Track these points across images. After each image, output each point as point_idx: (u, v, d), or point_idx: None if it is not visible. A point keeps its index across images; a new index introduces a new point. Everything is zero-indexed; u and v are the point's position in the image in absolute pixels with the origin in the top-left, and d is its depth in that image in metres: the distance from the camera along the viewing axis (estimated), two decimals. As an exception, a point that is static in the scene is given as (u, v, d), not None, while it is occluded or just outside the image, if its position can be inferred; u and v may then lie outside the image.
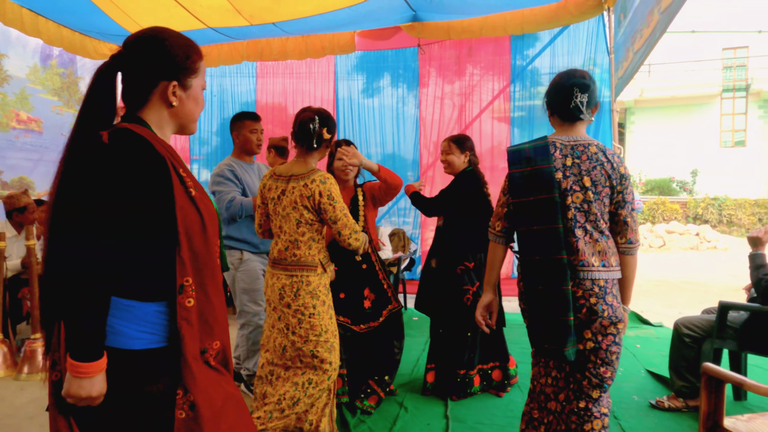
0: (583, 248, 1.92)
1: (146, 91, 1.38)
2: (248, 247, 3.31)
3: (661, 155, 18.56)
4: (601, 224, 1.96)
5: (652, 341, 4.78)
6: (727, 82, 19.49)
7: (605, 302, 1.90)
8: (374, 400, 3.13)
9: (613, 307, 1.92)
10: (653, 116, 19.50)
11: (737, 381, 1.66)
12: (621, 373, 3.86)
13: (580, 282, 1.91)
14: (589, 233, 1.95)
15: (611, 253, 1.96)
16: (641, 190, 17.08)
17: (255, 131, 3.38)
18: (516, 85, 6.62)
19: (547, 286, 1.91)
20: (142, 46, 1.36)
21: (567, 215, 1.94)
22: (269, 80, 7.14)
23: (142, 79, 1.37)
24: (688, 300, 6.92)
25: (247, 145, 3.38)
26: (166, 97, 1.38)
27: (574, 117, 2.03)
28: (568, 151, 1.99)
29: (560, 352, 1.89)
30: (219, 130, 7.20)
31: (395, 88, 6.99)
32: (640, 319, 5.58)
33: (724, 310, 2.92)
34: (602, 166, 1.97)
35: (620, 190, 1.98)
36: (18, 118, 5.85)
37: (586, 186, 1.95)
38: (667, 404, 3.14)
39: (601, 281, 1.92)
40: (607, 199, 1.97)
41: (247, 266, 3.30)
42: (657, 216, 15.42)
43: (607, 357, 1.92)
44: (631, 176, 2.22)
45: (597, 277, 1.91)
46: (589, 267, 1.91)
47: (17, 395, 3.38)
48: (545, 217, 1.93)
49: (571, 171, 1.96)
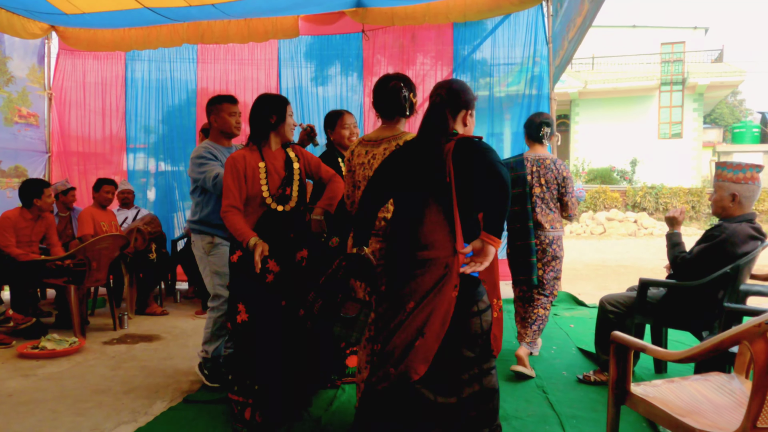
0: (541, 219, 3.53)
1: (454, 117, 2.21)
2: (221, 232, 3.26)
3: (604, 146, 19.23)
4: (551, 205, 3.55)
5: (585, 321, 4.98)
6: (665, 76, 20.32)
7: (551, 248, 3.55)
8: None
9: (555, 251, 3.57)
10: (597, 108, 20.14)
11: (640, 347, 1.76)
12: (553, 351, 4.02)
13: (539, 238, 3.52)
14: (545, 210, 3.53)
15: (557, 221, 3.58)
16: (584, 179, 17.64)
17: (234, 114, 3.34)
18: (462, 75, 6.68)
19: (522, 241, 3.49)
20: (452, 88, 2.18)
21: (532, 201, 3.51)
22: (210, 66, 6.93)
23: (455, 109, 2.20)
24: (622, 282, 7.22)
25: (226, 128, 3.33)
26: (464, 121, 2.24)
27: (540, 141, 3.61)
28: (534, 163, 3.55)
29: (529, 280, 3.50)
30: (165, 117, 6.95)
31: (345, 76, 6.91)
32: (576, 301, 5.80)
33: (644, 286, 3.07)
34: (552, 171, 3.52)
35: (563, 185, 3.53)
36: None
37: (543, 184, 3.52)
38: (593, 378, 3.28)
39: (551, 236, 3.54)
40: (555, 191, 3.54)
41: (219, 250, 3.28)
42: (598, 204, 15.98)
43: (551, 279, 3.60)
44: (571, 177, 3.57)
45: (548, 235, 3.54)
46: (544, 230, 3.53)
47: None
48: (520, 202, 3.47)
49: (534, 175, 3.53)
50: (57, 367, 3.66)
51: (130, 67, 6.93)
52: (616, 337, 1.85)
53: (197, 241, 3.32)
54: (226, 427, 2.66)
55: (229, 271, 2.87)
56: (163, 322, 5.02)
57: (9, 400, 3.03)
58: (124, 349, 4.12)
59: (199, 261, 3.36)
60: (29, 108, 6.69)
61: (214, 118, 3.35)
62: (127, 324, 4.79)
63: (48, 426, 2.69)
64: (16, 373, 3.52)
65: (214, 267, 3.30)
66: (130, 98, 6.93)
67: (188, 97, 6.93)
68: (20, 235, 4.54)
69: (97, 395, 3.13)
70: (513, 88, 6.75)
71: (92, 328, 4.70)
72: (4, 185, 6.31)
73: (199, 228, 3.30)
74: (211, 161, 3.21)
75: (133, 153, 7.11)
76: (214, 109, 3.35)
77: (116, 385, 3.30)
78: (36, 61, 6.78)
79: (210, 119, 3.38)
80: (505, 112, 6.78)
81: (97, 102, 6.96)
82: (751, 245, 2.77)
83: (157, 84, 6.94)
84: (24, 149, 6.60)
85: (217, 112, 3.33)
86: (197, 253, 3.36)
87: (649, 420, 2.69)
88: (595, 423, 2.70)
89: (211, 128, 3.41)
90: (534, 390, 3.18)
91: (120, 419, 2.78)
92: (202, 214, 3.29)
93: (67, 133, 7.00)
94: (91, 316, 5.16)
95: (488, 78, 6.72)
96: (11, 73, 6.39)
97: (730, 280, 2.74)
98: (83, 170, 6.95)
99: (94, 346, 4.16)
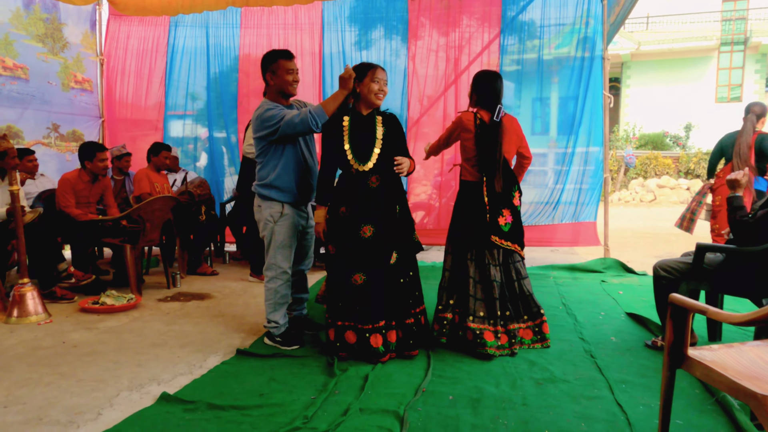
0: None
1: None
2: (289, 197, 3.21)
3: (657, 110, 18.43)
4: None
5: (634, 288, 4.87)
6: (725, 36, 19.19)
7: None
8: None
9: None
10: (650, 70, 19.26)
11: (700, 309, 1.70)
12: (602, 316, 3.96)
13: None
14: None
15: None
16: (634, 145, 17.03)
17: (291, 71, 3.16)
18: (509, 37, 6.48)
19: None
20: None
21: None
22: (253, 31, 6.89)
23: None
24: (672, 250, 7.00)
25: (284, 86, 3.17)
26: None
27: None
28: None
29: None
30: (211, 84, 7.00)
31: (388, 39, 6.80)
32: (624, 268, 5.67)
33: (701, 251, 2.97)
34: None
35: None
36: (4, 65, 5.73)
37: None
38: (659, 344, 3.22)
39: None
40: None
41: (287, 221, 3.22)
42: (649, 171, 15.44)
43: None
44: None
45: None
46: None
47: (7, 337, 3.45)
48: None
49: None
50: (116, 321, 3.84)
51: (173, 33, 6.98)
52: (674, 299, 1.80)
53: (264, 208, 3.22)
54: (279, 379, 2.75)
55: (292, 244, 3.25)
56: (214, 281, 5.18)
57: (74, 351, 3.20)
58: (178, 306, 4.28)
59: (263, 227, 3.25)
60: (83, 74, 6.87)
61: (270, 76, 3.18)
62: (180, 283, 4.97)
63: (110, 375, 2.83)
64: (80, 326, 3.71)
65: (279, 237, 3.22)
66: (174, 65, 7.00)
67: (231, 63, 6.96)
68: (79, 196, 4.72)
69: (154, 348, 3.27)
70: (563, 50, 6.52)
71: (147, 286, 4.89)
72: (64, 149, 6.55)
73: (267, 194, 3.20)
74: (278, 107, 3.11)
75: (181, 119, 7.24)
76: (270, 67, 3.17)
77: (172, 340, 3.44)
78: (88, 27, 6.93)
79: (266, 78, 3.21)
80: (554, 75, 6.57)
81: (143, 68, 7.07)
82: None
83: (201, 50, 6.98)
84: (80, 114, 6.81)
85: (274, 70, 3.16)
86: (261, 219, 3.24)
87: (705, 386, 2.64)
88: (645, 388, 2.66)
89: (267, 87, 3.25)
90: (582, 354, 3.15)
91: (177, 371, 2.91)
92: (271, 178, 3.18)
93: (116, 98, 7.16)
94: (146, 275, 5.37)
95: (536, 40, 6.49)
96: (66, 39, 6.56)
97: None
98: (133, 137, 7.11)
99: (149, 303, 4.34)
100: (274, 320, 3.30)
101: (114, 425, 2.27)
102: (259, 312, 4.08)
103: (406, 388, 2.65)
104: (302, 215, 3.35)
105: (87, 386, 2.69)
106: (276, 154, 3.19)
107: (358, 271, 2.99)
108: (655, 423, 2.21)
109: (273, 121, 3.07)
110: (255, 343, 3.37)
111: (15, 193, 3.85)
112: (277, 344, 3.29)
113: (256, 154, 3.26)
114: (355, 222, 2.98)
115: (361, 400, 2.50)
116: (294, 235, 3.28)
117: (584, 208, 6.38)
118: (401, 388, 2.66)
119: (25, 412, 2.40)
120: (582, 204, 6.37)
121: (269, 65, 3.19)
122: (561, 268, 5.76)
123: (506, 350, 3.13)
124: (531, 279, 3.44)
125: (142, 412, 2.40)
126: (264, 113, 3.11)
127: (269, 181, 3.19)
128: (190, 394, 2.58)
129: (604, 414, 2.38)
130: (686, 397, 2.54)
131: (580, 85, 6.30)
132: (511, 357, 3.09)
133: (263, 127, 3.11)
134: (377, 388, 2.66)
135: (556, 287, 4.89)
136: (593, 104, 6.24)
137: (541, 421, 2.31)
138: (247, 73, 6.92)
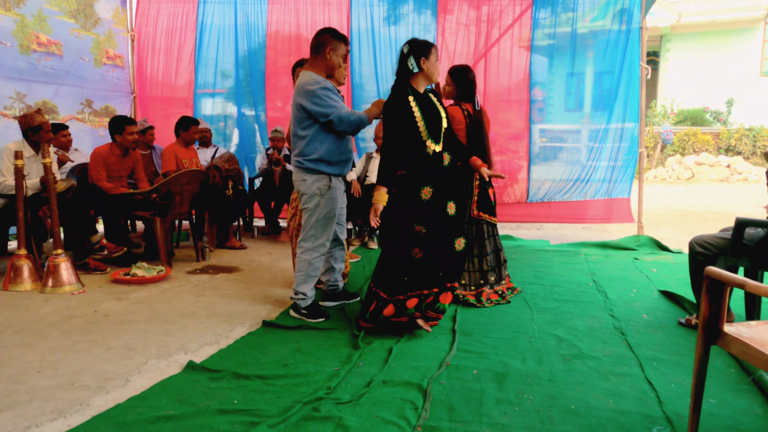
0: None
1: None
2: (337, 170, 3.28)
3: (697, 85, 17.73)
4: None
5: (668, 266, 4.74)
6: (773, 5, 18.26)
7: None
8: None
9: None
10: (690, 43, 18.50)
11: (738, 282, 1.62)
12: (634, 294, 3.86)
13: None
14: None
15: None
16: (673, 120, 16.47)
17: (345, 57, 3.28)
18: (541, 10, 6.27)
19: None
20: None
21: None
22: (281, 7, 6.80)
23: None
24: (710, 228, 6.76)
25: (334, 70, 3.26)
26: None
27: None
28: None
29: None
30: (241, 62, 6.98)
31: (418, 14, 6.65)
32: (659, 245, 5.52)
33: (741, 226, 2.84)
34: None
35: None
36: (38, 41, 5.81)
37: None
38: (694, 322, 3.13)
39: None
40: None
41: (333, 194, 3.27)
42: (687, 147, 14.94)
43: None
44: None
45: None
46: None
47: (42, 306, 3.55)
48: None
49: None
50: (146, 292, 3.91)
51: (202, 9, 6.95)
52: (711, 272, 1.72)
53: (311, 182, 3.21)
54: (304, 351, 2.76)
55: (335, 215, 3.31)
56: (242, 255, 5.23)
57: (106, 320, 3.27)
58: (206, 278, 4.33)
59: (308, 200, 3.24)
60: (115, 50, 6.92)
61: (330, 51, 3.19)
62: (209, 256, 5.03)
63: (140, 343, 2.89)
64: (111, 296, 3.79)
65: (324, 209, 3.24)
66: (203, 42, 6.99)
67: (260, 40, 6.91)
68: (110, 170, 4.80)
69: (183, 318, 3.32)
70: (598, 23, 6.30)
71: (177, 259, 4.97)
72: (98, 124, 6.65)
73: (314, 167, 3.20)
74: (338, 99, 3.17)
75: (211, 97, 7.25)
76: (332, 43, 3.18)
77: (200, 311, 3.48)
78: (119, 3, 6.96)
79: (325, 51, 3.19)
80: (588, 49, 6.36)
81: (173, 45, 7.08)
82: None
83: (229, 28, 6.94)
84: (112, 90, 6.88)
85: (335, 48, 3.19)
86: (308, 192, 3.23)
87: (741, 364, 2.55)
88: (677, 366, 2.58)
89: (316, 59, 3.22)
90: (611, 331, 3.08)
91: (204, 341, 2.94)
92: (320, 153, 3.19)
93: (147, 76, 7.21)
94: (176, 248, 5.46)
95: (570, 13, 6.28)
96: (98, 15, 6.61)
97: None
98: (165, 114, 7.15)
99: (179, 275, 4.41)
100: (303, 292, 3.31)
101: (141, 392, 2.31)
102: (286, 285, 4.10)
103: (430, 362, 2.63)
104: (342, 188, 3.43)
105: (117, 354, 2.74)
106: (323, 129, 3.19)
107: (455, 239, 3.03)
108: (687, 401, 2.15)
109: (326, 108, 3.10)
110: (281, 315, 3.39)
111: (48, 165, 3.92)
112: (302, 316, 3.30)
113: (301, 126, 3.20)
114: (442, 201, 2.98)
115: (384, 373, 2.49)
116: (337, 207, 3.33)
117: (618, 185, 6.22)
118: (425, 361, 2.64)
119: (57, 377, 2.46)
120: (615, 181, 6.22)
121: (332, 40, 3.20)
122: (592, 245, 5.64)
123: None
124: (561, 256, 3.43)
125: (169, 379, 2.43)
126: (319, 91, 3.10)
127: (319, 156, 3.19)
128: (216, 363, 2.61)
129: (634, 391, 2.32)
130: (721, 376, 2.46)
131: (616, 58, 6.09)
132: (535, 333, 3.05)
133: (315, 103, 3.10)
134: (401, 360, 2.64)
135: (587, 264, 4.78)
136: (629, 79, 6.03)
137: (568, 396, 2.26)
138: (275, 50, 6.88)
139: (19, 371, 2.52)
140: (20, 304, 3.60)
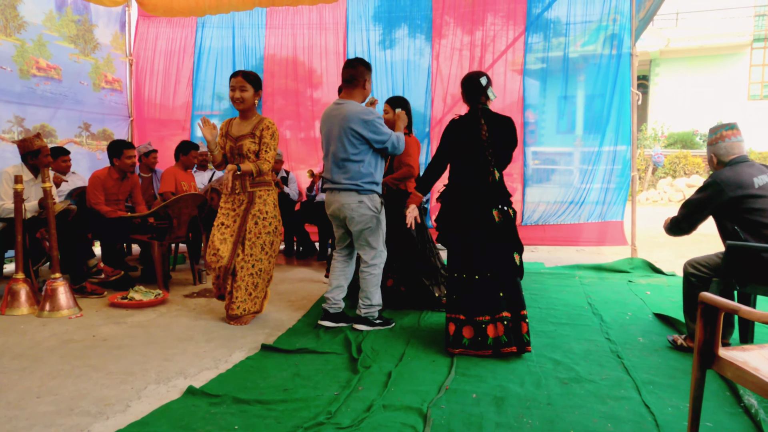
0: None
1: None
2: (380, 188, 3.63)
3: (686, 108, 18.03)
4: None
5: (662, 288, 4.79)
6: (758, 32, 18.69)
7: None
8: None
9: None
10: (679, 67, 18.85)
11: (732, 308, 1.66)
12: (629, 317, 3.90)
13: None
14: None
15: None
16: (663, 143, 16.70)
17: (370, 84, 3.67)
18: (534, 35, 6.41)
19: None
20: None
21: None
22: (278, 32, 6.91)
23: None
24: (702, 251, 6.83)
25: (366, 95, 3.65)
26: None
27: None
28: None
29: None
30: (237, 84, 7.06)
31: (412, 38, 6.78)
32: (652, 268, 5.57)
33: (732, 251, 2.90)
34: None
35: None
36: (38, 66, 5.88)
37: None
38: (679, 342, 3.17)
39: None
40: None
41: (383, 209, 3.61)
42: (678, 170, 15.13)
43: None
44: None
45: None
46: None
47: (39, 330, 3.54)
48: None
49: None
50: (144, 316, 3.91)
51: (200, 33, 7.08)
52: (705, 297, 1.76)
53: (368, 201, 3.48)
54: (303, 375, 2.77)
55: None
56: (239, 278, 5.23)
57: (104, 344, 3.27)
58: (204, 302, 4.34)
59: (368, 220, 3.49)
60: (113, 74, 7.02)
61: (366, 82, 3.57)
62: (206, 279, 5.04)
63: (139, 368, 2.89)
64: (109, 320, 3.79)
65: (383, 225, 3.59)
66: (201, 65, 7.11)
67: (257, 63, 7.02)
68: (108, 193, 4.82)
69: (181, 343, 3.32)
70: (589, 48, 6.44)
71: (174, 282, 4.97)
72: (95, 147, 6.69)
73: (372, 188, 3.51)
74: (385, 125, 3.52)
75: (216, 119, 7.31)
76: (366, 74, 3.57)
77: (198, 335, 3.49)
78: (118, 28, 7.08)
79: (363, 83, 3.55)
80: (580, 73, 6.49)
81: (171, 68, 7.18)
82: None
83: (227, 51, 7.07)
84: (110, 114, 6.96)
85: (368, 79, 3.59)
86: (366, 213, 3.47)
87: (732, 388, 2.58)
88: (674, 390, 2.61)
89: (357, 90, 3.56)
90: (608, 354, 3.11)
91: (203, 365, 2.95)
92: (376, 175, 3.53)
93: (144, 98, 7.29)
94: (173, 271, 5.46)
95: (562, 38, 6.43)
96: (97, 40, 6.70)
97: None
98: (161, 136, 7.21)
99: (176, 299, 4.41)
100: (378, 303, 3.59)
101: (142, 417, 2.31)
102: (283, 309, 4.11)
103: (429, 386, 2.65)
104: None
105: (116, 379, 2.74)
106: (376, 153, 3.54)
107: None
108: (684, 425, 2.17)
109: (385, 137, 3.47)
110: (279, 338, 3.40)
111: (47, 190, 3.94)
112: (378, 326, 3.55)
113: (355, 151, 3.46)
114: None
115: (384, 397, 2.50)
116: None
117: (611, 207, 6.29)
118: (424, 385, 2.66)
119: (57, 402, 2.46)
120: (609, 203, 6.28)
121: (366, 73, 3.57)
122: (587, 268, 5.68)
123: None
124: (556, 278, 3.46)
125: (169, 404, 2.44)
126: (376, 120, 3.46)
127: (375, 178, 3.53)
128: (216, 388, 2.62)
129: (632, 415, 2.34)
130: (716, 399, 2.49)
131: (607, 82, 6.21)
132: (536, 357, 3.07)
133: (374, 132, 3.44)
134: (400, 385, 2.66)
135: (582, 287, 4.83)
136: (620, 102, 6.15)
137: (567, 420, 2.29)
138: (272, 73, 6.98)
139: (19, 397, 2.52)
140: (18, 328, 3.59)
